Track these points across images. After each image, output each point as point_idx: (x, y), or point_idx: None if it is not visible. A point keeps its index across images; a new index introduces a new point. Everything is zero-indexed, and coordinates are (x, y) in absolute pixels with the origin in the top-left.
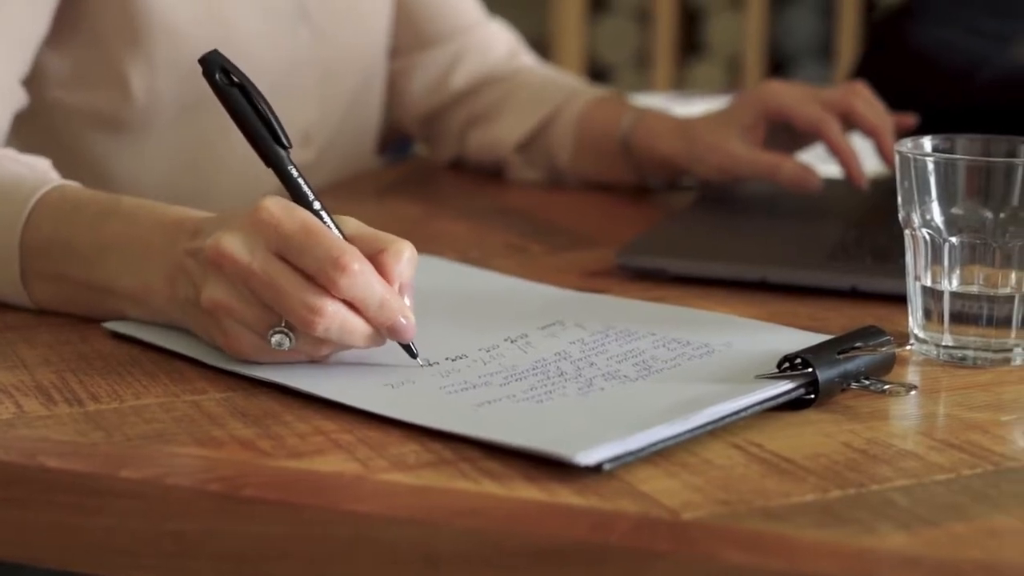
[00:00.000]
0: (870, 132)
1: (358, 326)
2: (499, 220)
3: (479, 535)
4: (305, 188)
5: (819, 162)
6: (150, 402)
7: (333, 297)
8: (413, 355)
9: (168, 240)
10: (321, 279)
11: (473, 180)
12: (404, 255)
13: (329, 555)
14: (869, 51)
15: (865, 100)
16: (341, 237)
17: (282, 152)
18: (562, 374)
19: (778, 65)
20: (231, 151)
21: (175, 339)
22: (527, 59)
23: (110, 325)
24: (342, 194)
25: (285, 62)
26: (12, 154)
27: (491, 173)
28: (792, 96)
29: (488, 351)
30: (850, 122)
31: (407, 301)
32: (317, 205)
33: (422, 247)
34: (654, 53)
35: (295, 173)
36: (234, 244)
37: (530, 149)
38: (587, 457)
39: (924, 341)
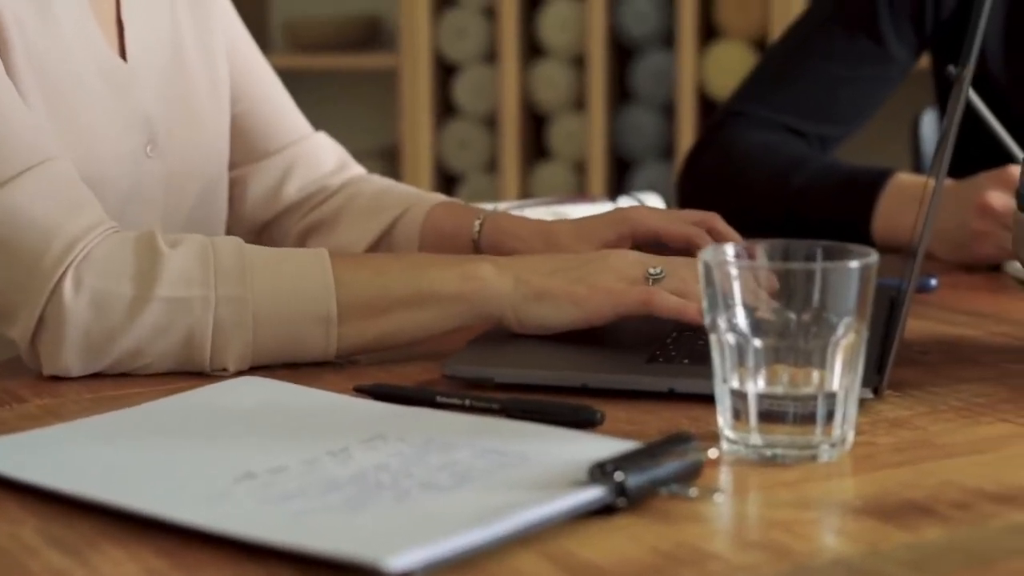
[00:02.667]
0: None
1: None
2: None
3: None
4: None
5: None
6: None
7: None
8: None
9: (505, 261)
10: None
11: None
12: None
13: None
14: (697, 151)
15: (722, 220)
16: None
17: None
18: (379, 485)
19: (622, 165)
20: None
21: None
22: (357, 169)
23: None
24: None
25: (134, 177)
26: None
27: None
28: (659, 216)
29: (309, 463)
30: (712, 238)
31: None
32: None
33: None
34: (501, 158)
35: None
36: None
37: None
38: (396, 563)
39: (734, 441)
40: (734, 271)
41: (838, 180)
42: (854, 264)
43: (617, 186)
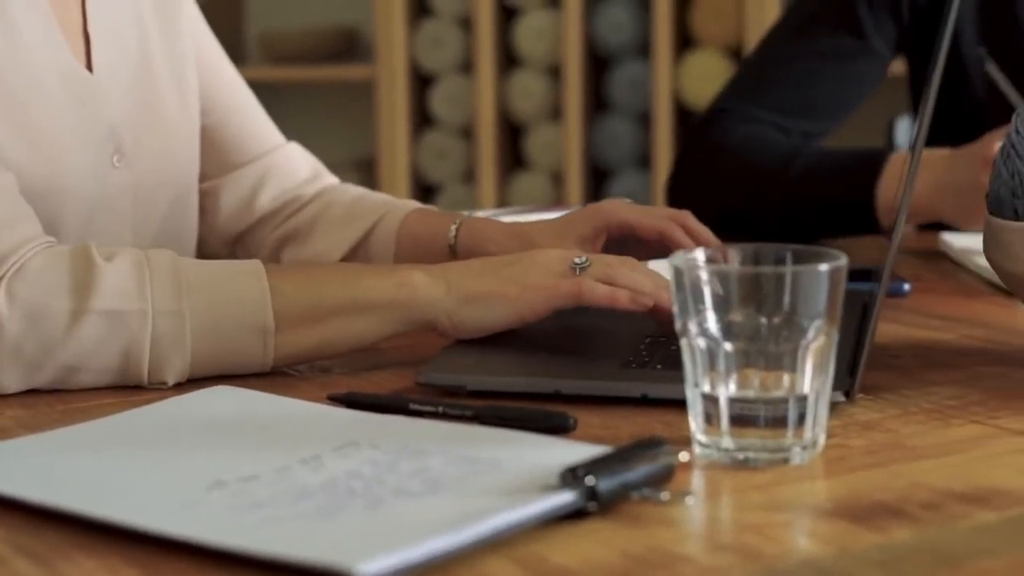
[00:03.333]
0: (702, 245)
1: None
2: None
3: None
4: None
5: None
6: None
7: None
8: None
9: (440, 267)
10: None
11: None
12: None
13: None
14: (686, 150)
15: (694, 218)
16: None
17: None
18: (351, 492)
19: (599, 175)
20: None
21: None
22: (330, 178)
23: None
24: None
25: (100, 188)
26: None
27: None
28: (633, 209)
29: (280, 471)
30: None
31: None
32: None
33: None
34: (478, 168)
35: None
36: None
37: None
38: (367, 569)
39: (706, 445)
40: (704, 275)
41: (838, 163)
42: (823, 267)
43: (594, 195)
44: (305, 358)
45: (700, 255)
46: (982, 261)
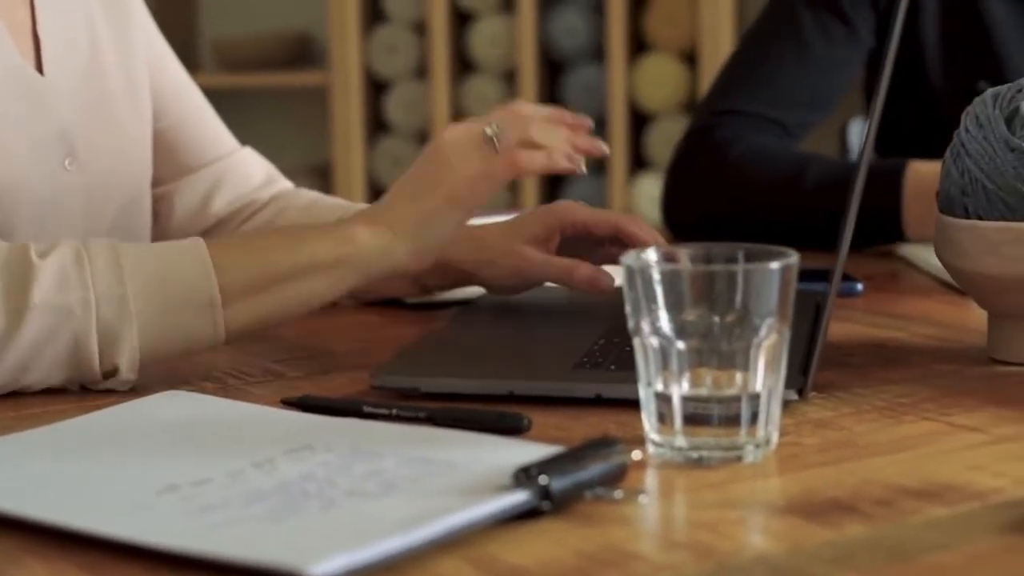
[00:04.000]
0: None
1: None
2: (259, 347)
3: None
4: None
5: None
6: None
7: None
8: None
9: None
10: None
11: None
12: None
13: None
14: (686, 158)
15: (645, 222)
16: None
17: None
18: (305, 494)
19: (554, 179)
20: None
21: None
22: (285, 183)
23: None
24: None
25: (51, 191)
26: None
27: None
28: (585, 208)
29: (233, 475)
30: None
31: None
32: None
33: (181, 379)
34: None
35: None
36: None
37: None
38: (318, 569)
39: (660, 444)
40: (656, 275)
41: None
42: (775, 265)
43: (550, 199)
44: (259, 327)
45: (652, 254)
46: (934, 260)
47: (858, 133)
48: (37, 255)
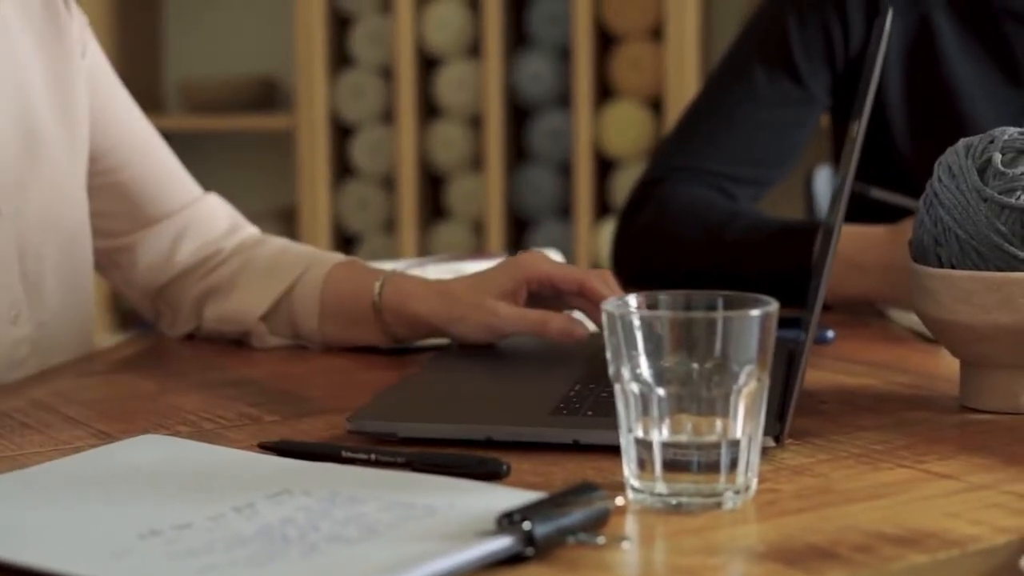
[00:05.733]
0: None
1: None
2: (234, 391)
3: None
4: None
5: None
6: None
7: None
8: None
9: None
10: None
11: (211, 350)
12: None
13: None
14: (632, 210)
15: (612, 277)
16: None
17: None
18: (286, 539)
19: (520, 224)
20: None
21: None
22: (250, 229)
23: None
24: (68, 373)
25: None
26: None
27: (229, 342)
28: (552, 262)
29: (214, 519)
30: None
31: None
32: None
33: (156, 423)
34: (399, 218)
35: None
36: None
37: (275, 318)
38: None
39: (640, 491)
40: (636, 321)
41: (771, 231)
42: (755, 313)
43: (515, 245)
44: None
45: (632, 300)
46: (902, 310)
47: (824, 182)
48: None
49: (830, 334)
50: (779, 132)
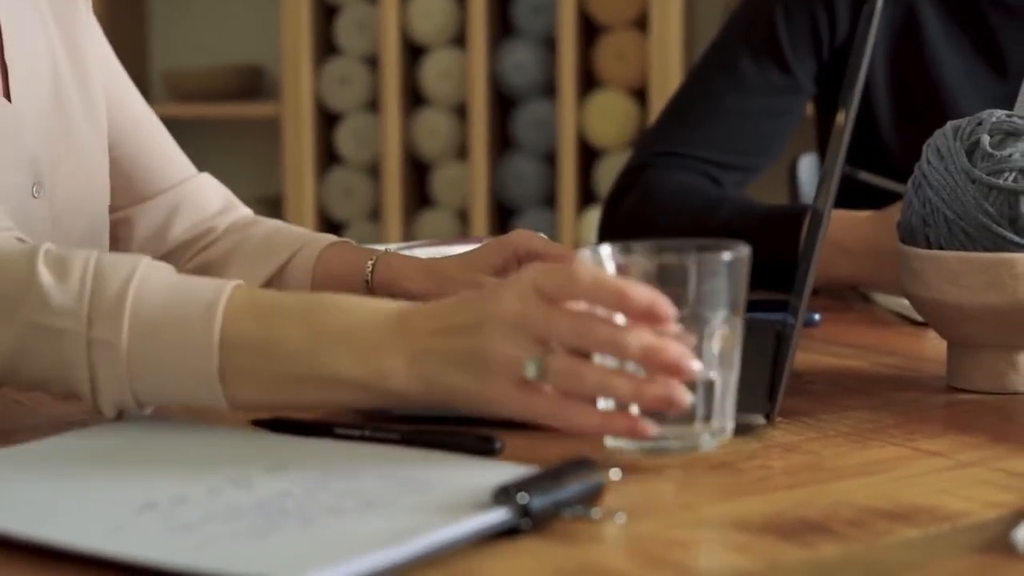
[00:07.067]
0: None
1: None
2: None
3: None
4: None
5: None
6: None
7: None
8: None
9: (401, 326)
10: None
11: None
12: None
13: None
14: (619, 195)
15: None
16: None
17: None
18: (284, 511)
19: (504, 213)
20: None
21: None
22: (244, 210)
23: None
24: None
25: (21, 217)
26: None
27: None
28: (541, 239)
29: (211, 492)
30: None
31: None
32: None
33: None
34: (384, 206)
35: None
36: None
37: None
38: None
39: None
40: (611, 269)
41: (758, 217)
42: (726, 256)
43: (500, 233)
44: (261, 408)
45: (605, 251)
46: (887, 294)
47: (808, 169)
48: (46, 264)
49: (816, 317)
50: (765, 120)
